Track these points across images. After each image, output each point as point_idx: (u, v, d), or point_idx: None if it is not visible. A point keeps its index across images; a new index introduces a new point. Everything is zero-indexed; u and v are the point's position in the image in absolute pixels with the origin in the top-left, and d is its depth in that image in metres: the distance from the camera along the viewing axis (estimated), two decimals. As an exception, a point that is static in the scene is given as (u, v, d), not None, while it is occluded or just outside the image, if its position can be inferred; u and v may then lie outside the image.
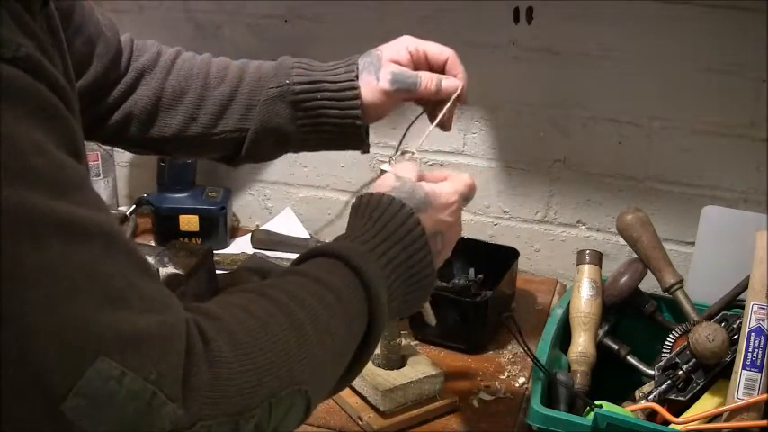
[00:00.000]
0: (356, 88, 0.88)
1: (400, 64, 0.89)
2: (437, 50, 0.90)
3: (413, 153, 0.85)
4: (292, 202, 1.51)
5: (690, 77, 1.24)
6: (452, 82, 0.89)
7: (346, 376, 0.65)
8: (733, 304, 1.08)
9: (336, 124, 0.89)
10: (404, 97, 0.90)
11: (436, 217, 0.74)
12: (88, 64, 0.88)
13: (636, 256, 1.14)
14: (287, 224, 1.47)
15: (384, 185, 0.74)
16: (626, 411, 0.96)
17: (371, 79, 0.89)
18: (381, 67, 0.89)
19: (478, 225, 1.43)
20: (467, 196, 0.78)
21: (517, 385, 1.09)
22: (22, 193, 0.44)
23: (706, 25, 1.20)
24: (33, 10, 0.55)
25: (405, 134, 0.92)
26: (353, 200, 0.74)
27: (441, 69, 0.90)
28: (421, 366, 1.03)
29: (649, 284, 1.15)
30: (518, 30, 1.27)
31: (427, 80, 0.88)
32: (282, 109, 0.90)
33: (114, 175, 1.56)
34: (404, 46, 0.90)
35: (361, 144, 0.92)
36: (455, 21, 1.31)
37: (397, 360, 1.03)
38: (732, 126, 1.24)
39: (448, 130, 0.93)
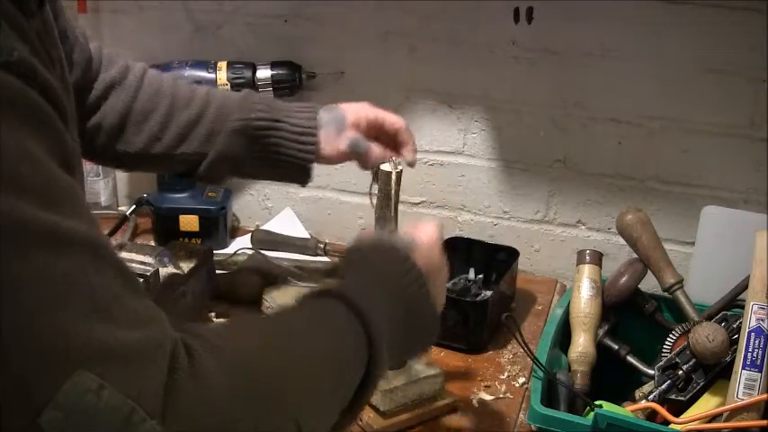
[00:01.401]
0: (314, 135, 0.97)
1: (359, 128, 0.99)
2: (391, 120, 1.00)
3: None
4: (292, 202, 1.51)
5: (690, 77, 1.24)
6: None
7: (347, 416, 0.65)
8: (733, 304, 1.08)
9: (289, 162, 0.98)
10: (352, 158, 1.00)
11: (424, 256, 0.76)
12: (70, 68, 0.88)
13: (636, 256, 1.14)
14: (287, 224, 1.47)
15: (368, 235, 0.78)
16: (626, 411, 0.96)
17: (332, 136, 0.98)
18: (344, 129, 0.99)
19: (478, 225, 1.43)
20: (441, 236, 0.83)
21: (517, 385, 1.09)
22: (9, 201, 0.44)
23: (706, 25, 1.20)
24: (29, 11, 0.54)
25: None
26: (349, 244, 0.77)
27: (394, 136, 1.01)
28: (421, 366, 1.03)
29: (649, 284, 1.15)
30: (518, 30, 1.27)
31: (374, 155, 0.98)
32: (242, 140, 0.96)
33: (114, 175, 1.56)
34: (364, 114, 1.00)
35: (305, 181, 1.01)
36: (455, 21, 1.31)
37: (397, 360, 1.03)
38: (732, 126, 1.24)
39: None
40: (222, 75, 1.33)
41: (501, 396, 1.06)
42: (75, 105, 0.76)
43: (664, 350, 1.05)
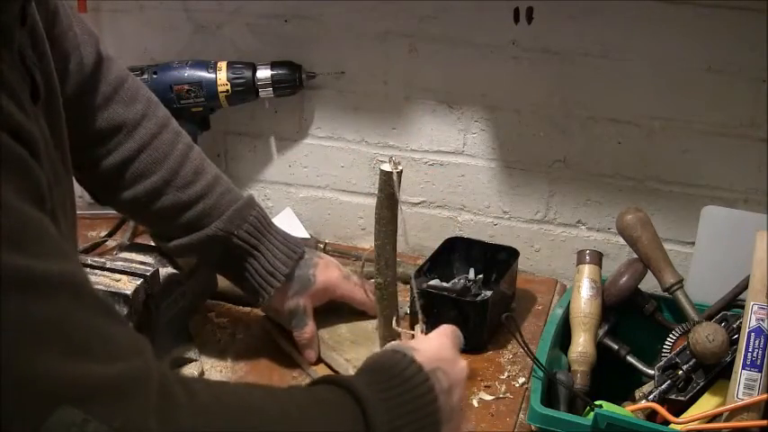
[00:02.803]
0: (280, 281, 1.02)
1: (318, 299, 1.06)
2: (360, 302, 1.10)
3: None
4: (292, 202, 1.51)
5: (690, 77, 1.23)
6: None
7: None
8: (733, 304, 1.08)
9: (247, 285, 1.04)
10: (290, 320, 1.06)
11: (428, 354, 0.76)
12: (63, 78, 0.87)
13: (636, 256, 1.14)
14: (287, 224, 1.47)
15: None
16: (626, 411, 0.96)
17: (288, 292, 1.04)
18: (301, 296, 1.04)
19: (478, 225, 1.43)
20: (457, 335, 0.85)
21: (517, 385, 1.09)
22: None
23: (706, 25, 1.20)
24: (9, 38, 0.54)
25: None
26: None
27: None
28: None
29: (649, 284, 1.15)
30: (518, 30, 1.27)
31: (303, 336, 1.05)
32: (216, 246, 1.00)
33: (114, 175, 1.56)
34: (333, 290, 1.07)
35: (258, 303, 1.06)
36: (455, 21, 1.31)
37: (397, 360, 1.03)
38: (732, 126, 1.24)
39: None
40: (222, 75, 1.33)
41: (501, 396, 1.06)
42: (68, 112, 0.75)
43: (664, 350, 1.05)
